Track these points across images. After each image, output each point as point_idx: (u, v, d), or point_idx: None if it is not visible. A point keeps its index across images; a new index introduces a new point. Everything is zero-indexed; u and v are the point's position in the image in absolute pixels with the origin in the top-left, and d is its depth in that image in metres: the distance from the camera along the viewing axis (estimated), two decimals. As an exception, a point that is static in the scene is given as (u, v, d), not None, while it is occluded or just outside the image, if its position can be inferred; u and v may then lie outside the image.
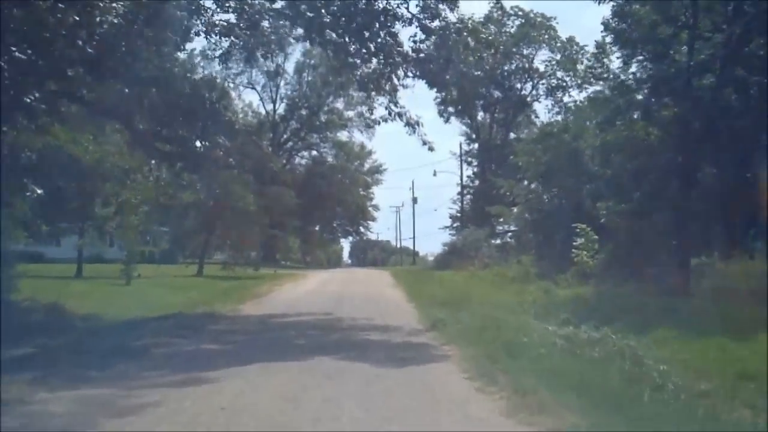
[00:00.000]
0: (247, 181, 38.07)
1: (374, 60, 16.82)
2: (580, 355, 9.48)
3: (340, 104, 71.59)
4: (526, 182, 33.37)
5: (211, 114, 18.71)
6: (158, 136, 18.53)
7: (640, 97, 20.60)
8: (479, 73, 54.52)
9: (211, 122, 18.95)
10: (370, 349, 10.74)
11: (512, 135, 57.87)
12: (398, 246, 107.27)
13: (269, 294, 21.91)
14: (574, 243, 21.35)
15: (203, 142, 20.11)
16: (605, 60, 23.86)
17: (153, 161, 27.35)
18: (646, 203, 19.80)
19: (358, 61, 17.04)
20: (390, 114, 17.41)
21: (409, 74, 16.96)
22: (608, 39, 21.62)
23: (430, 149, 19.32)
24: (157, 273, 34.45)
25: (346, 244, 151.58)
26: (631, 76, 20.75)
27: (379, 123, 17.24)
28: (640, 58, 20.64)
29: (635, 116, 20.81)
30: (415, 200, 79.20)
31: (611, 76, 21.75)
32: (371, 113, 35.98)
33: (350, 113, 71.46)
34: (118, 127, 21.70)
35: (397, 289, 24.84)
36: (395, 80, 17.13)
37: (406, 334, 12.75)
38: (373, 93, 18.00)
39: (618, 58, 21.81)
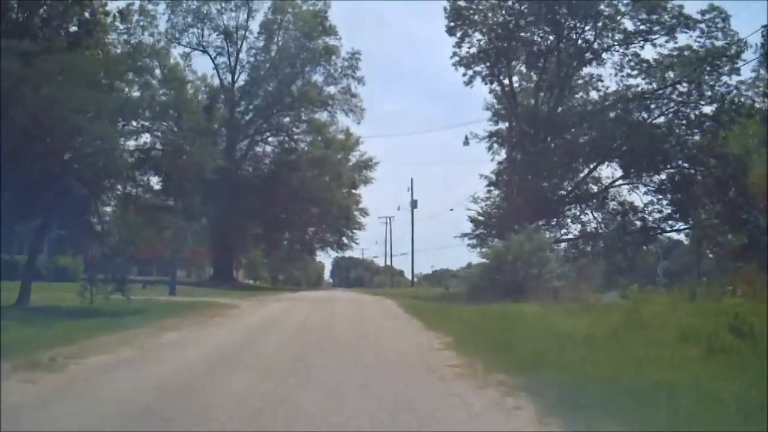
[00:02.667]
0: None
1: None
2: None
3: (319, 76, 52.94)
4: None
5: None
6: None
7: None
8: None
9: None
10: None
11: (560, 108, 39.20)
12: (390, 263, 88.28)
13: None
14: None
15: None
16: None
17: None
18: None
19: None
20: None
21: None
22: None
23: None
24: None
25: (327, 261, 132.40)
26: None
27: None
28: None
29: None
30: (414, 204, 60.41)
31: None
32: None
33: (332, 89, 52.82)
34: None
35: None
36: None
37: None
38: None
39: None
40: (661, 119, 36.52)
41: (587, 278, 30.16)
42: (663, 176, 36.53)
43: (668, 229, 38.15)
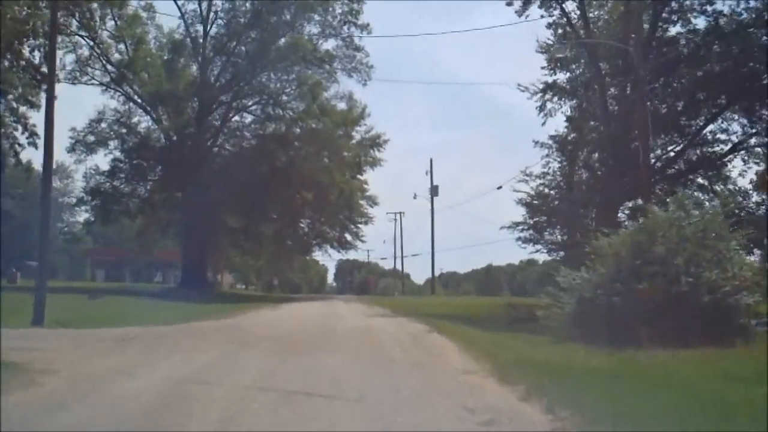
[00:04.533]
0: None
1: None
2: None
3: (313, 27, 40.95)
4: None
5: None
6: None
7: None
8: None
9: None
10: None
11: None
12: (402, 266, 76.58)
13: None
14: None
15: None
16: None
17: None
18: None
19: None
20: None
21: None
22: None
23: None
24: None
25: (331, 264, 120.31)
26: None
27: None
28: None
29: None
30: (434, 190, 48.40)
31: None
32: None
33: (330, 44, 40.84)
34: None
35: None
36: None
37: None
38: None
39: None
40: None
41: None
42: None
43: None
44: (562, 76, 30.36)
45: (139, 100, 40.65)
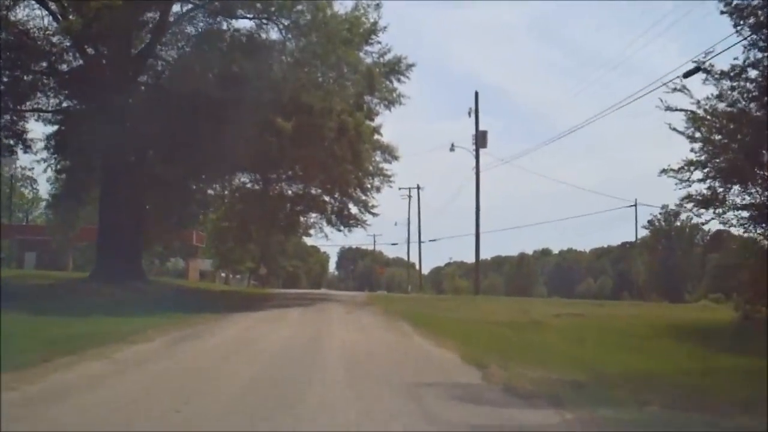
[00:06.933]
0: None
1: None
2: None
3: None
4: None
5: None
6: None
7: None
8: None
9: None
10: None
11: None
12: (414, 254, 61.76)
13: None
14: None
15: None
16: None
17: None
18: None
19: None
20: None
21: None
22: None
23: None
24: None
25: (333, 250, 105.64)
26: None
27: None
28: None
29: None
30: (482, 137, 33.24)
31: None
32: None
33: None
34: None
35: None
36: None
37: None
38: None
39: None
40: None
41: None
42: None
43: None
44: None
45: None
